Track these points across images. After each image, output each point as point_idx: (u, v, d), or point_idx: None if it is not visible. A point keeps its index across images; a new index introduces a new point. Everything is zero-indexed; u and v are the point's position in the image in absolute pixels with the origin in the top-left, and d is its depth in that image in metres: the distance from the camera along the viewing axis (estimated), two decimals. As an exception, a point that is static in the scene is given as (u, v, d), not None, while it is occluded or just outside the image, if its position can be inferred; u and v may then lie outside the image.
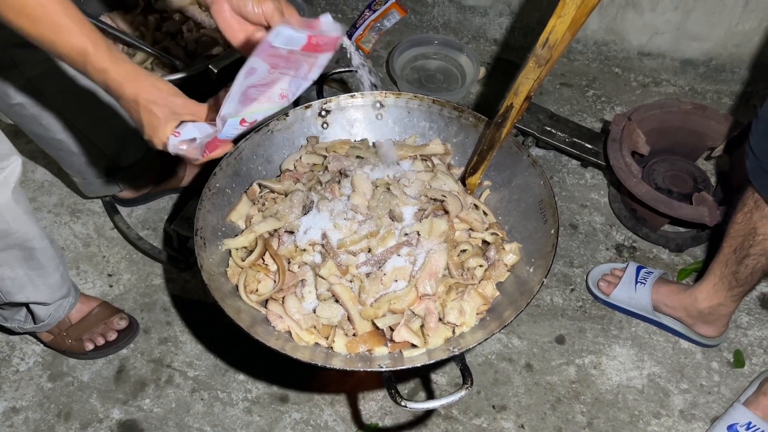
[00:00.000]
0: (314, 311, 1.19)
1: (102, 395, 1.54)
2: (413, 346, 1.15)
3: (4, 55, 1.27)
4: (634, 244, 1.79)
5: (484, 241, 1.28)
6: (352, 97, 1.43)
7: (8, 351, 1.61)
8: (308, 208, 1.27)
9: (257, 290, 1.24)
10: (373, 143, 1.45)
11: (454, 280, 1.19)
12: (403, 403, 1.03)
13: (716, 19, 1.97)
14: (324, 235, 1.22)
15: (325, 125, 1.44)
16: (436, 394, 1.53)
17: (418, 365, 1.10)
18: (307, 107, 1.42)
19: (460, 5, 2.24)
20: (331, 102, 1.43)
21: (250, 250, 1.26)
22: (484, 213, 1.32)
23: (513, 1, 2.17)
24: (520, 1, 2.16)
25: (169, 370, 1.57)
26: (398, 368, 1.09)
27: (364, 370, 1.11)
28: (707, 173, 1.81)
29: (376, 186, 1.29)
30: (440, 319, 1.17)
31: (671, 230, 1.78)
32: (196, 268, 1.65)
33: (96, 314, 1.57)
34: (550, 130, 1.85)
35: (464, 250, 1.24)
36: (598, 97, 2.12)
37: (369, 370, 1.10)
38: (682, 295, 1.54)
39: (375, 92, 1.43)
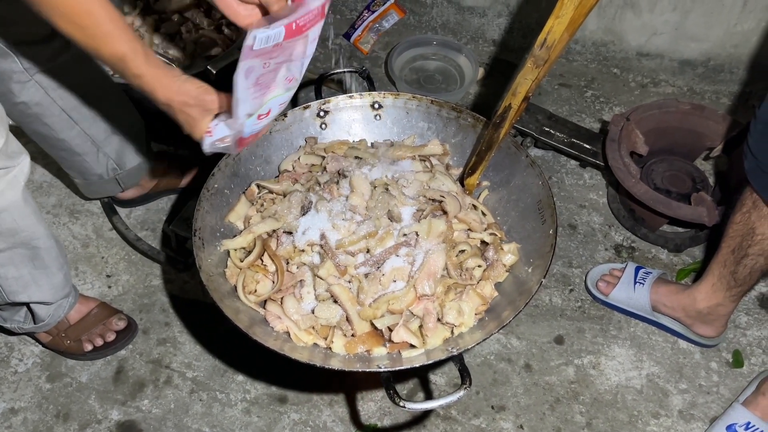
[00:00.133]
0: (313, 312, 1.19)
1: (101, 396, 1.54)
2: (412, 346, 1.15)
3: (9, 53, 1.27)
4: (632, 245, 1.79)
5: (483, 242, 1.28)
6: (350, 97, 1.43)
7: (7, 352, 1.61)
8: (307, 208, 1.27)
9: (256, 291, 1.24)
10: (372, 144, 1.45)
11: (453, 281, 1.19)
12: (401, 404, 1.03)
13: (715, 19, 1.97)
14: (322, 235, 1.22)
15: (323, 126, 1.44)
16: (434, 395, 1.53)
17: (417, 366, 1.10)
18: (305, 108, 1.42)
19: (458, 6, 2.24)
20: (329, 103, 1.43)
21: (249, 251, 1.26)
22: (483, 213, 1.32)
23: (511, 2, 2.17)
24: (518, 1, 2.16)
25: (168, 370, 1.57)
26: (397, 369, 1.09)
27: (362, 370, 1.11)
28: (706, 173, 1.81)
29: (374, 186, 1.29)
30: (439, 320, 1.17)
31: (670, 230, 1.79)
32: (194, 269, 1.65)
33: (95, 315, 1.57)
34: (548, 130, 1.85)
35: (463, 251, 1.24)
36: (596, 98, 2.12)
37: (368, 370, 1.10)
38: (680, 295, 1.54)
39: (374, 93, 1.43)
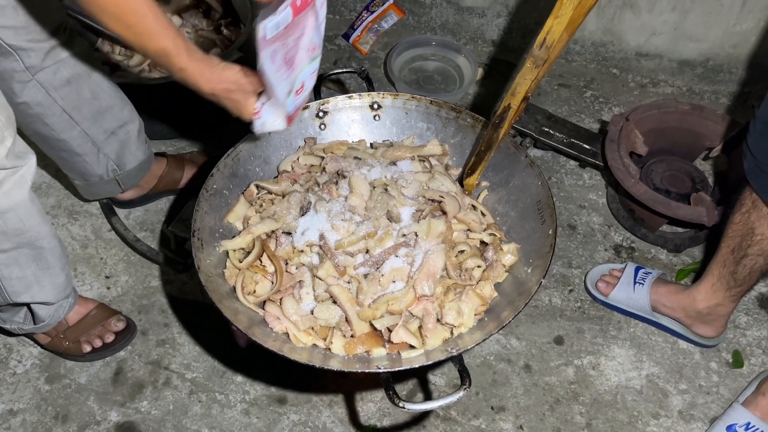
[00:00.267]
0: (312, 312, 1.19)
1: (99, 397, 1.53)
2: (411, 347, 1.15)
3: (11, 52, 1.27)
4: (632, 245, 1.79)
5: (482, 242, 1.28)
6: (349, 98, 1.43)
7: (5, 353, 1.60)
8: (306, 209, 1.27)
9: (255, 291, 1.24)
10: (371, 144, 1.45)
11: (452, 281, 1.19)
12: (401, 404, 1.03)
13: (714, 19, 1.97)
14: (322, 236, 1.22)
15: (322, 126, 1.44)
16: (434, 395, 1.53)
17: (416, 366, 1.10)
18: (304, 108, 1.41)
19: (457, 6, 2.24)
20: (328, 103, 1.43)
21: (248, 252, 1.26)
22: (482, 213, 1.32)
23: (511, 2, 2.17)
24: (517, 2, 2.16)
25: (167, 372, 1.57)
26: (396, 369, 1.09)
27: (362, 371, 1.11)
28: (705, 173, 1.81)
29: (373, 187, 1.28)
30: (438, 320, 1.17)
31: (669, 230, 1.78)
32: (193, 270, 1.64)
33: (93, 316, 1.56)
34: (548, 130, 1.85)
35: (462, 251, 1.24)
36: (595, 98, 2.12)
37: (367, 371, 1.10)
38: (680, 295, 1.54)
39: (373, 93, 1.43)
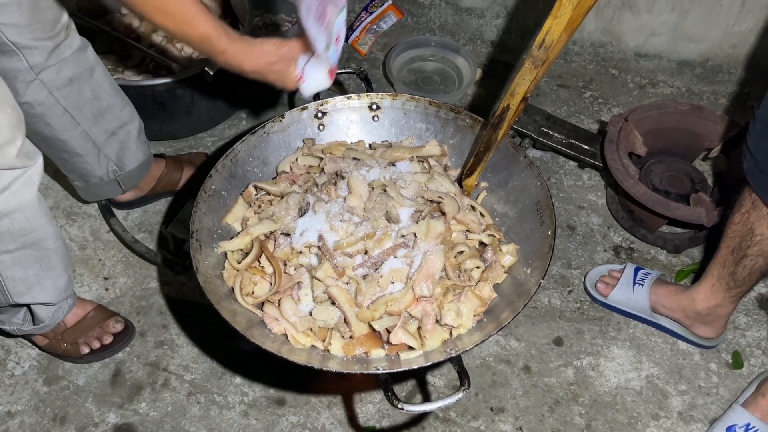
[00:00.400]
0: (311, 313, 1.19)
1: (98, 399, 1.53)
2: (410, 348, 1.15)
3: (15, 51, 1.27)
4: (631, 246, 1.78)
5: (481, 243, 1.28)
6: (348, 99, 1.43)
7: (3, 355, 1.60)
8: (304, 210, 1.26)
9: (253, 293, 1.23)
10: (370, 145, 1.44)
11: (451, 282, 1.19)
12: (400, 406, 1.02)
13: (713, 20, 1.97)
14: (320, 237, 1.21)
15: (321, 127, 1.44)
16: (433, 397, 1.52)
17: (415, 367, 1.09)
18: (303, 109, 1.41)
19: (456, 7, 2.24)
20: (327, 104, 1.43)
21: (246, 253, 1.26)
22: (481, 214, 1.32)
23: (509, 3, 2.17)
24: (516, 2, 2.16)
25: (165, 373, 1.57)
26: (395, 370, 1.09)
27: (360, 372, 1.11)
28: (704, 174, 1.80)
29: (372, 188, 1.28)
30: (437, 321, 1.16)
31: (669, 231, 1.78)
32: (192, 271, 1.63)
33: (91, 317, 1.56)
34: (547, 131, 1.85)
35: (461, 252, 1.23)
36: (595, 99, 2.12)
37: (366, 372, 1.10)
38: (680, 296, 1.54)
39: (371, 94, 1.43)
